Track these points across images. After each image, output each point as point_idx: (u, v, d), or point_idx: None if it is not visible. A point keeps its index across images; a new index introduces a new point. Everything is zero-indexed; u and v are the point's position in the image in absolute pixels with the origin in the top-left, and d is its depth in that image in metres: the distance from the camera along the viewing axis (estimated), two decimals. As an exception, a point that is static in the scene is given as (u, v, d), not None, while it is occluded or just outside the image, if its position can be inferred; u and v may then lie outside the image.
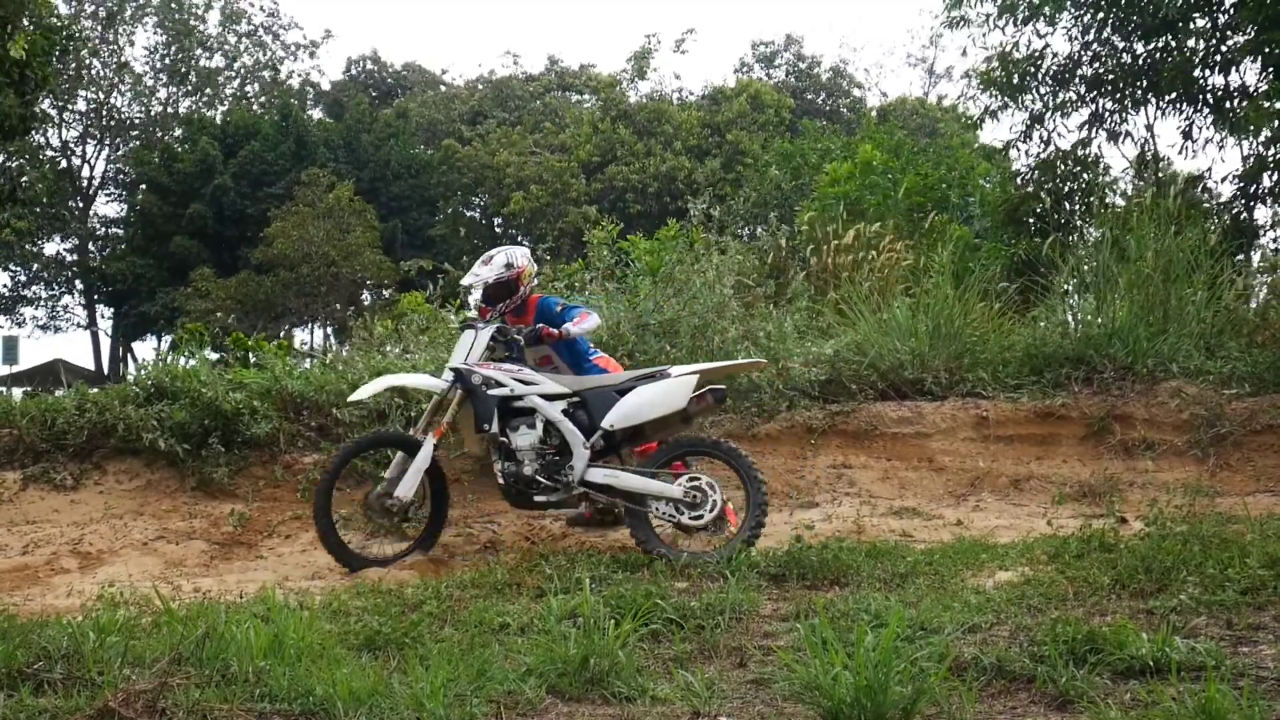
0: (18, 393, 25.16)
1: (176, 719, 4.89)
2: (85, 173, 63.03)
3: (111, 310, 58.50)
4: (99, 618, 6.77)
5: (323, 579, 9.39)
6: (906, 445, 12.30)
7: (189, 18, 65.14)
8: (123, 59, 63.70)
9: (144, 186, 57.08)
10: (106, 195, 64.61)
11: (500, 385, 9.12)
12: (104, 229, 63.39)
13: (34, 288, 61.57)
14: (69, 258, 61.57)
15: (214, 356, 14.95)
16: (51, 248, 61.54)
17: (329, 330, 47.58)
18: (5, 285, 58.70)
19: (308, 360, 15.74)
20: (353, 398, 9.59)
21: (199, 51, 65.92)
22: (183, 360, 14.08)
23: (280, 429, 11.85)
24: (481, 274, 9.79)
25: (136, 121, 64.83)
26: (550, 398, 9.18)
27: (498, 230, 55.49)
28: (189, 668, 5.58)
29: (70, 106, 61.22)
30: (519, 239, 52.90)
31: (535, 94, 62.32)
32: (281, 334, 43.18)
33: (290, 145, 52.08)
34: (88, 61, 60.79)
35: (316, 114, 64.21)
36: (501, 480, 9.07)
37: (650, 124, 51.93)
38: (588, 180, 49.28)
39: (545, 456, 9.09)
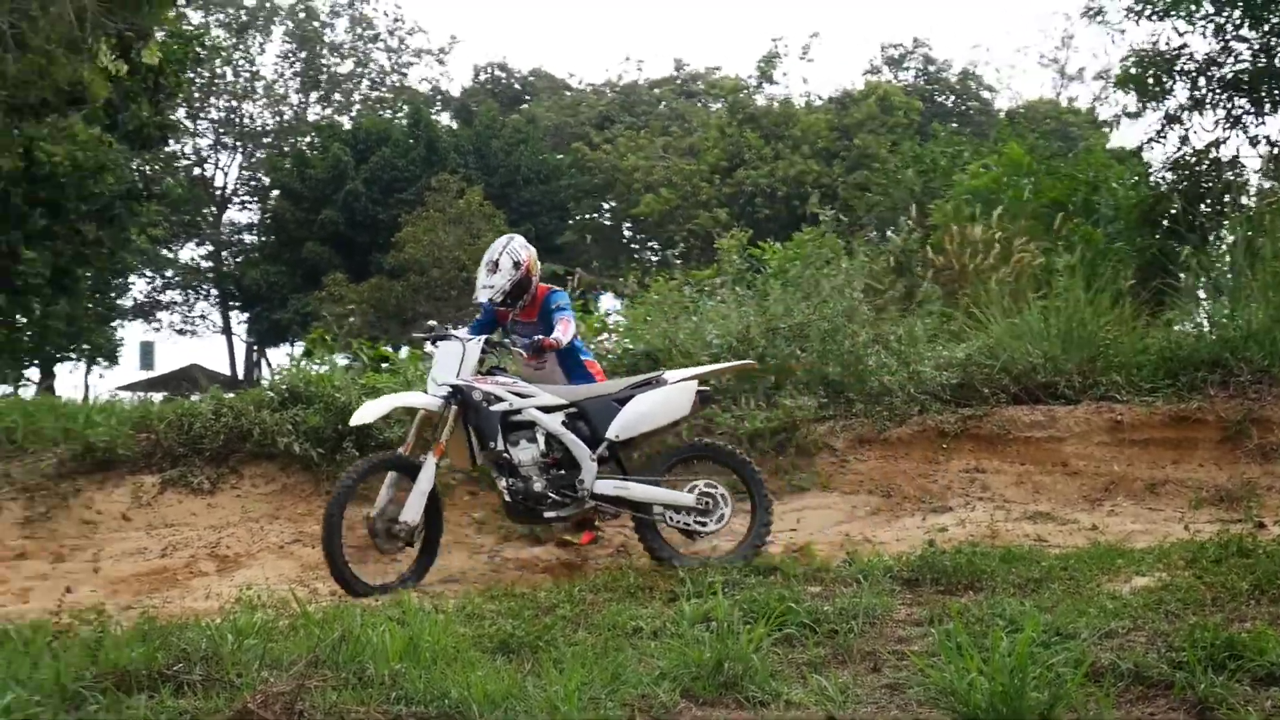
0: (155, 397, 25.72)
1: (314, 720, 4.95)
2: (219, 180, 64.23)
3: (245, 315, 59.46)
4: (237, 620, 6.89)
5: (456, 582, 9.49)
6: (1040, 449, 12.14)
7: (318, 24, 66.04)
8: (254, 67, 64.79)
9: (277, 193, 57.94)
10: (240, 202, 65.73)
11: (500, 400, 8.89)
12: (238, 235, 64.50)
13: (170, 293, 62.72)
14: (204, 264, 62.69)
15: (344, 361, 15.12)
16: (187, 254, 62.61)
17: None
18: (142, 291, 59.80)
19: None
20: (358, 420, 8.89)
21: (329, 58, 66.80)
22: (316, 365, 14.29)
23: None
24: (496, 283, 9.36)
25: (268, 129, 65.86)
26: (548, 410, 9.00)
27: (627, 234, 55.64)
28: (326, 670, 5.66)
29: (204, 115, 62.35)
30: (648, 242, 53.01)
31: (661, 98, 62.39)
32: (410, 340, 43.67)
33: (421, 151, 52.54)
34: (220, 70, 61.88)
35: (445, 120, 64.76)
36: (508, 498, 8.87)
37: (778, 127, 51.71)
38: (716, 184, 49.24)
39: (550, 471, 8.92)
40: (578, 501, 8.86)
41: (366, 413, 8.71)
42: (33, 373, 32.80)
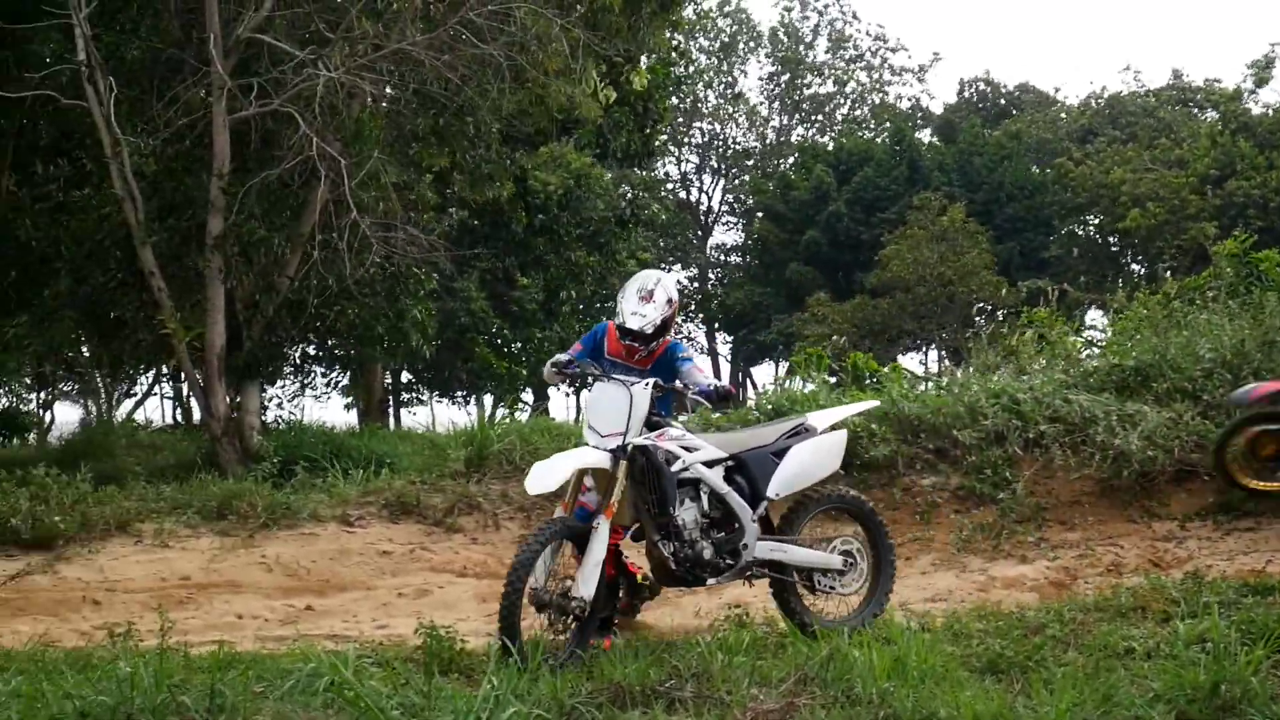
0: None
1: (804, 736, 5.03)
2: (703, 203, 65.88)
3: (730, 336, 60.72)
4: (726, 638, 7.10)
5: (943, 601, 9.44)
6: None
7: (799, 45, 66.78)
8: (737, 89, 66.12)
9: (760, 215, 59.04)
10: (724, 225, 67.21)
11: (674, 457, 7.72)
12: (722, 257, 66.00)
13: (662, 317, 64.51)
14: (690, 286, 64.39)
15: (831, 380, 15.25)
16: (672, 277, 64.32)
17: (942, 353, 47.62)
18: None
19: (924, 383, 15.82)
20: (538, 488, 7.36)
21: (809, 78, 67.44)
22: (800, 384, 14.49)
23: (898, 451, 11.98)
24: (649, 315, 8.06)
25: (751, 151, 67.06)
26: (710, 464, 7.94)
27: (1114, 249, 53.85)
28: (814, 688, 5.76)
29: (687, 139, 64.07)
30: (1136, 258, 51.16)
31: (1150, 109, 60.10)
32: (897, 358, 43.58)
33: (903, 170, 52.47)
34: (703, 94, 63.45)
35: (926, 137, 64.38)
36: (674, 565, 7.60)
37: (1273, 135, 48.89)
38: (1206, 196, 47.02)
39: (711, 533, 7.82)
40: (740, 566, 7.85)
41: (547, 479, 7.34)
42: (527, 396, 34.45)
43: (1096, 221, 53.47)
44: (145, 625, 8.78)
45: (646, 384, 7.62)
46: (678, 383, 7.88)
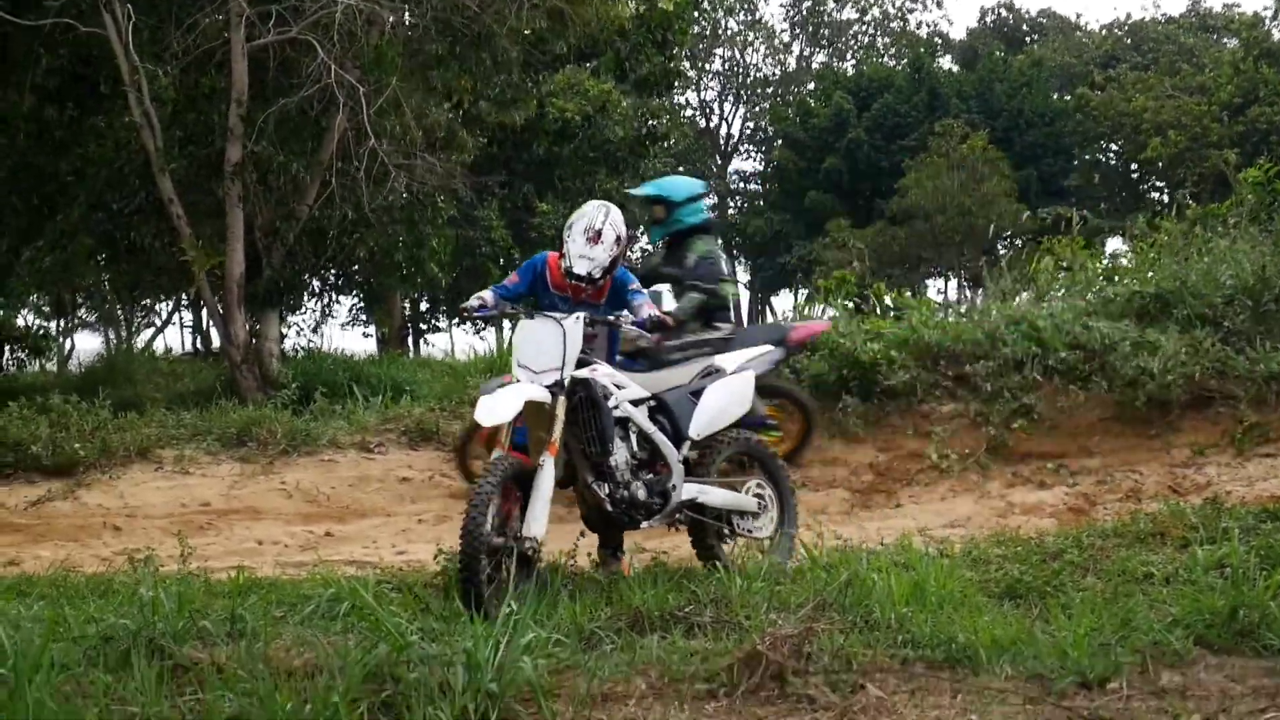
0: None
1: (821, 663, 5.05)
2: (723, 131, 65.60)
3: (750, 263, 60.59)
4: (746, 564, 7.12)
5: (961, 527, 9.46)
6: None
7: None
8: (757, 15, 65.66)
9: (780, 143, 58.80)
10: (743, 152, 66.97)
11: (609, 393, 7.38)
12: (742, 185, 65.82)
13: (685, 243, 64.30)
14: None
15: (852, 307, 15.22)
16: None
17: (962, 280, 47.50)
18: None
19: (944, 311, 15.78)
20: (490, 420, 6.88)
21: (830, 4, 66.91)
22: (823, 310, 14.47)
23: (918, 379, 11.97)
24: (598, 256, 7.62)
25: (771, 79, 66.71)
26: (636, 403, 7.64)
27: (1133, 177, 53.59)
28: (832, 613, 5.77)
29: (707, 66, 63.72)
30: (1157, 186, 50.90)
31: (1171, 36, 59.58)
32: (915, 285, 43.49)
33: (923, 97, 52.16)
34: (723, 21, 63.06)
35: (947, 64, 63.91)
36: (610, 507, 7.24)
37: (1295, 61, 48.42)
38: (1227, 123, 46.61)
39: (640, 475, 7.48)
40: (670, 509, 7.49)
41: (499, 410, 6.83)
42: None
43: (1117, 149, 53.21)
44: (166, 551, 8.85)
45: (577, 317, 7.22)
46: (611, 316, 7.56)
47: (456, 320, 8.74)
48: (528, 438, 7.26)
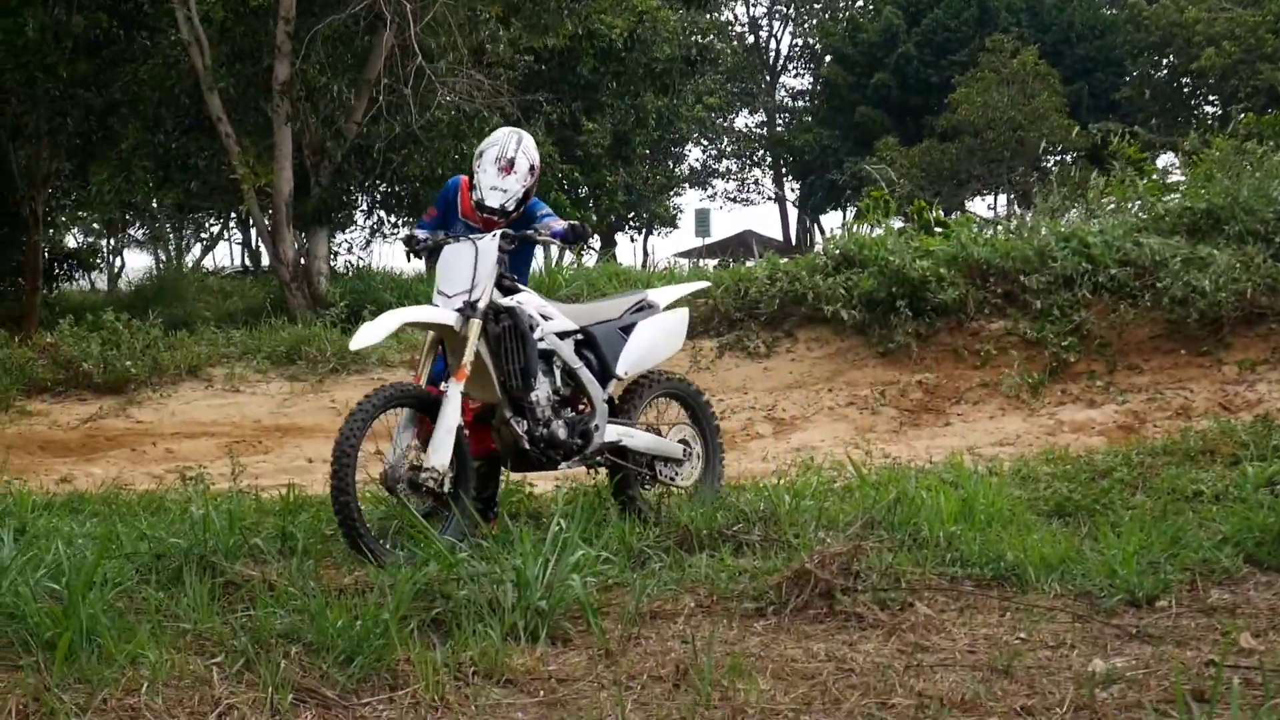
0: (710, 264, 26.57)
1: (869, 581, 5.05)
2: (771, 48, 65.05)
3: (798, 181, 60.25)
4: (794, 482, 7.10)
5: (1011, 445, 9.43)
6: None
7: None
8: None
9: (829, 58, 58.25)
10: (792, 69, 66.39)
11: (535, 324, 6.83)
12: (791, 102, 65.32)
13: (725, 162, 64.16)
14: (757, 131, 63.79)
15: (898, 224, 15.11)
16: (740, 122, 63.84)
17: (1012, 197, 47.12)
18: (697, 159, 61.33)
19: (993, 227, 15.65)
20: (358, 344, 6.43)
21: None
22: (869, 229, 14.39)
23: (967, 295, 11.90)
24: (511, 188, 7.05)
25: (821, -6, 66.07)
26: (563, 336, 7.04)
27: (1185, 91, 52.82)
28: (881, 532, 5.78)
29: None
30: (1208, 98, 50.17)
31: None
32: (963, 202, 43.16)
33: (973, 11, 51.47)
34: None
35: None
36: (528, 445, 6.69)
37: (1354, -28, 47.56)
38: (1282, 34, 45.85)
39: (561, 413, 6.96)
40: (591, 450, 6.96)
41: (368, 334, 6.36)
42: (594, 241, 34.43)
43: (1169, 62, 52.42)
44: (216, 469, 8.93)
45: (494, 235, 6.67)
46: (528, 230, 6.96)
47: (407, 255, 8.57)
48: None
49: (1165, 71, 53.06)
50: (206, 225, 41.85)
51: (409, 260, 6.25)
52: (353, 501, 5.90)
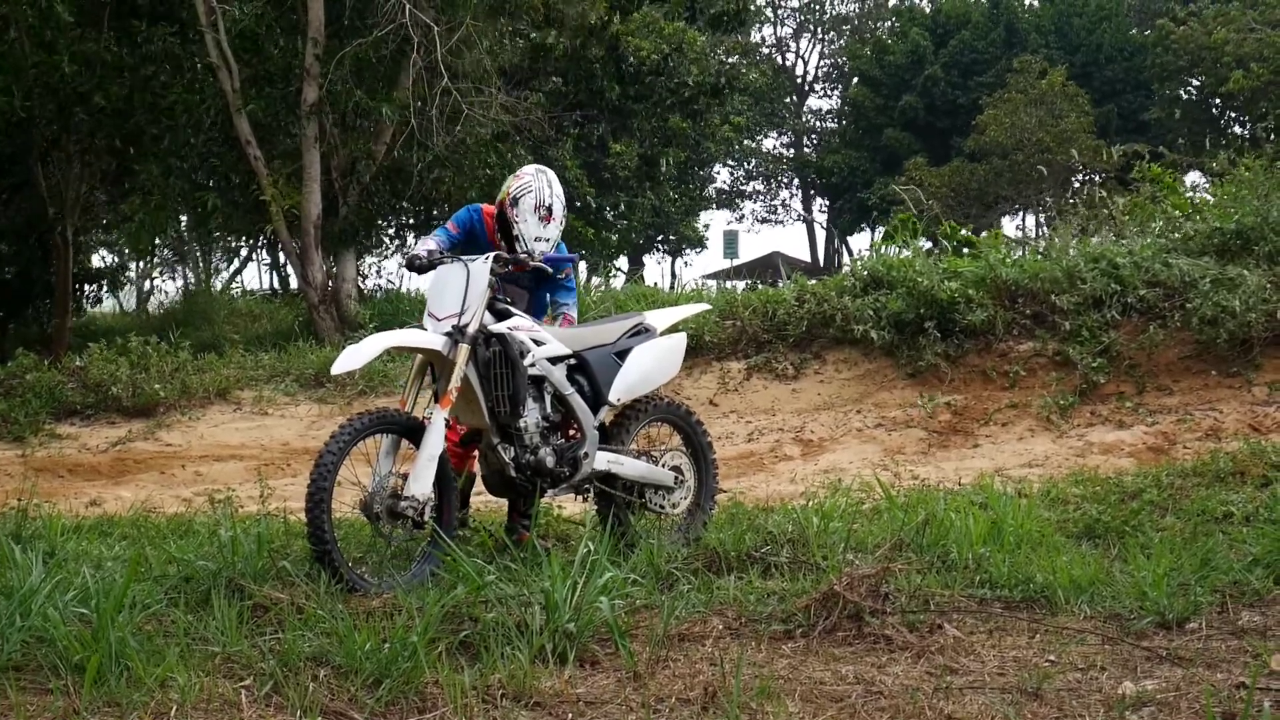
0: (738, 285, 26.57)
1: (898, 603, 5.05)
2: (799, 69, 65.17)
3: (826, 202, 60.31)
4: (823, 504, 7.09)
5: (1039, 466, 9.39)
6: None
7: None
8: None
9: (856, 80, 58.33)
10: (820, 90, 66.50)
11: (526, 350, 6.68)
12: (818, 123, 65.38)
13: (753, 183, 64.24)
14: (785, 153, 63.85)
15: (927, 245, 15.10)
16: (769, 143, 63.96)
17: (1040, 218, 47.02)
18: (725, 181, 61.47)
19: (1022, 248, 15.63)
20: (340, 368, 6.27)
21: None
22: (896, 250, 14.38)
23: (996, 316, 11.87)
24: (553, 236, 7.14)
25: (848, 15, 66.10)
26: (555, 361, 6.87)
27: (1214, 112, 52.69)
28: (909, 553, 5.77)
29: (784, 3, 63.32)
30: (1238, 120, 50.03)
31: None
32: (992, 223, 43.09)
33: (1000, 33, 51.57)
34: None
35: (1025, -2, 63.13)
36: (514, 472, 6.59)
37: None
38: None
39: (550, 439, 6.80)
40: (579, 478, 6.82)
41: (351, 358, 6.22)
42: (622, 262, 34.47)
43: (1198, 84, 52.30)
44: (245, 491, 8.95)
45: (486, 258, 6.53)
46: (525, 255, 6.86)
47: (406, 271, 8.43)
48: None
49: (1194, 93, 52.95)
50: (235, 245, 42.04)
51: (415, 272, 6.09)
52: (327, 524, 5.79)
